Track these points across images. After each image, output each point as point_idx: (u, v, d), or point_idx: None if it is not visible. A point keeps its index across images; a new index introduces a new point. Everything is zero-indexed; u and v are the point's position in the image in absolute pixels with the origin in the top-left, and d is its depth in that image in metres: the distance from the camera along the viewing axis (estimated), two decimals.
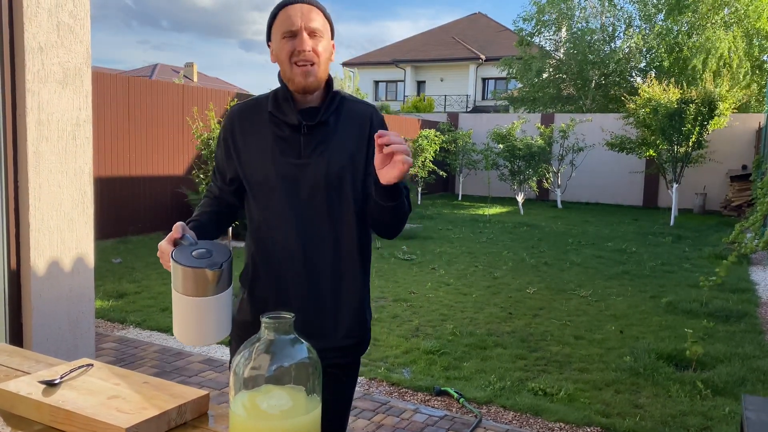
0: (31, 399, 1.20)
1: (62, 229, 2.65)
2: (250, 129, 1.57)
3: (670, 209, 13.93)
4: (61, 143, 2.61)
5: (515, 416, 3.34)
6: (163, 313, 5.04)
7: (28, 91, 2.44)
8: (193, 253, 1.32)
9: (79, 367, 1.36)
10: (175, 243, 1.39)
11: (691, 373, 3.95)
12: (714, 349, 4.39)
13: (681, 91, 12.34)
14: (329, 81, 1.57)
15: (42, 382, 1.26)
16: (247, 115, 1.59)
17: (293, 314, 1.12)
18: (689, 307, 5.57)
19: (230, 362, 1.67)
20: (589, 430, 3.20)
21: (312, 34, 1.48)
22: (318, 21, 1.49)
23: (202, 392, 1.28)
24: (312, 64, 1.47)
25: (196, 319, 1.31)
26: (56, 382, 1.27)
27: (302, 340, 1.11)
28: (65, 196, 2.66)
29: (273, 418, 1.07)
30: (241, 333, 1.60)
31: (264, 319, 1.09)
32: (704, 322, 5.04)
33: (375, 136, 1.36)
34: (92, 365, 1.40)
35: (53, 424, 1.16)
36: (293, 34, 1.47)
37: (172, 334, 4.56)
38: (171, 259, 1.32)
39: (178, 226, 1.40)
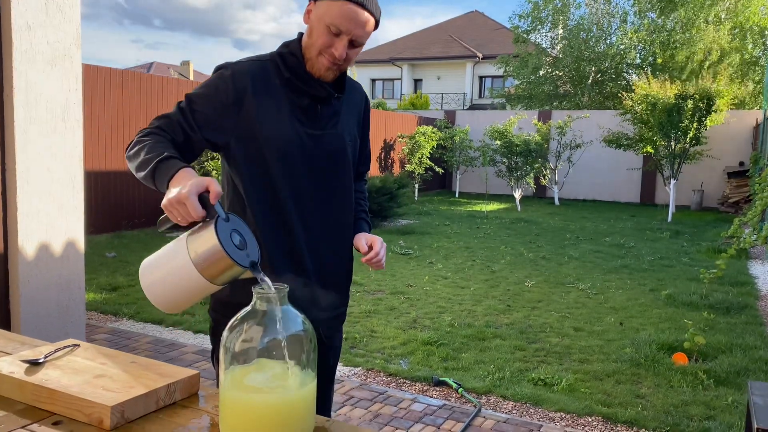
0: (13, 378, 1.15)
1: (51, 214, 2.58)
2: (263, 92, 1.45)
3: (667, 206, 13.90)
4: (50, 125, 2.55)
5: (515, 406, 3.29)
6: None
7: (15, 70, 2.37)
8: (233, 238, 1.17)
9: (65, 347, 1.31)
10: (201, 200, 1.17)
11: (693, 364, 3.90)
12: (715, 340, 4.34)
13: (677, 87, 12.31)
14: None
15: (25, 361, 1.21)
16: (258, 76, 1.46)
17: (286, 285, 1.07)
18: (689, 300, 5.53)
19: (212, 353, 1.59)
20: (590, 419, 3.15)
21: (353, 43, 1.44)
22: (366, 35, 1.46)
23: (192, 372, 1.23)
24: (338, 66, 1.46)
25: (186, 291, 1.21)
26: (40, 361, 1.22)
27: (297, 312, 1.05)
28: (55, 180, 2.59)
29: (265, 393, 1.02)
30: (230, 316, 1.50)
31: (256, 289, 1.03)
32: (705, 314, 4.99)
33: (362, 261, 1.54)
34: (78, 345, 1.34)
35: (36, 404, 1.11)
36: (338, 33, 1.41)
37: (167, 327, 4.48)
38: (215, 235, 1.14)
39: (218, 188, 1.18)
